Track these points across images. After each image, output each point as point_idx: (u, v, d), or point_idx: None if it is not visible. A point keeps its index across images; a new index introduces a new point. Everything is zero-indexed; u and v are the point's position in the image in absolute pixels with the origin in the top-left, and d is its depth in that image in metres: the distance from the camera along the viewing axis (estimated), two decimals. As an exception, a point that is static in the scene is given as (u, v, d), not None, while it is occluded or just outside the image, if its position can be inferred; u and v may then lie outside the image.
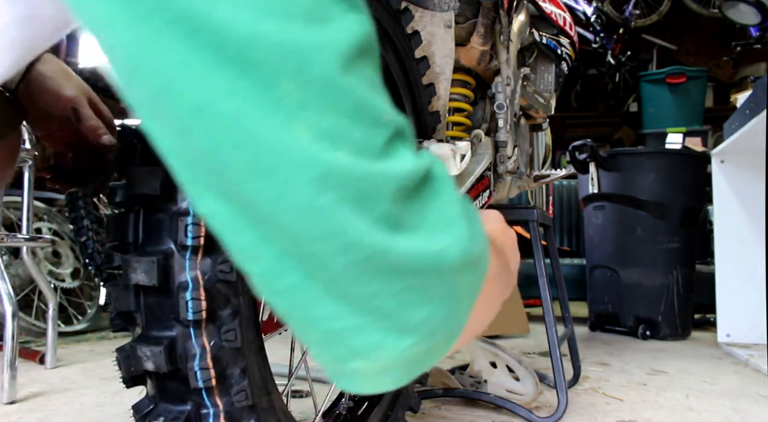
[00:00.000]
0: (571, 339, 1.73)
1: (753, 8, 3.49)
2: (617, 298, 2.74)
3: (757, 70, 5.13)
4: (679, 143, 3.19)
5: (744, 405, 1.50)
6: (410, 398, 1.11)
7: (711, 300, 2.60)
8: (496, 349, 1.48)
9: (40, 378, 1.73)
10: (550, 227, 1.68)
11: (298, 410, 1.32)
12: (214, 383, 0.60)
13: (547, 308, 1.43)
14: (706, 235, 3.24)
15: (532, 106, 1.61)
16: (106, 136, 0.76)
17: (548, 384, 1.64)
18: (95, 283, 2.84)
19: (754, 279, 2.34)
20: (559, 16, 1.65)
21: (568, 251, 3.79)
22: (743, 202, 2.50)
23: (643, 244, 2.68)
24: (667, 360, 2.13)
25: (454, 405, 1.45)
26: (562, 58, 1.68)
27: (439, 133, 1.19)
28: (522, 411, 1.34)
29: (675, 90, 4.94)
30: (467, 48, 1.31)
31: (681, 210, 2.66)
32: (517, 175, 1.50)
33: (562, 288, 1.76)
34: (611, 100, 6.07)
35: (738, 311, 2.48)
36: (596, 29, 3.77)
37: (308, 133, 0.31)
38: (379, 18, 0.94)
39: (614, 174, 2.72)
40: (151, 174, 0.60)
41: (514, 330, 2.67)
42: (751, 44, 3.90)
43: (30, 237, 1.96)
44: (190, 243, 0.58)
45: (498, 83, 1.36)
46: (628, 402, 1.51)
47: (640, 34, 5.39)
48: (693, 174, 2.72)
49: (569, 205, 3.99)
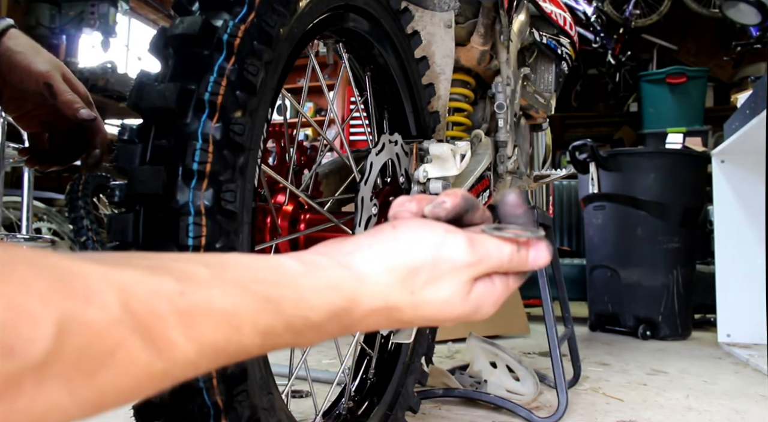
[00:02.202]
0: (571, 339, 1.73)
1: (753, 8, 3.49)
2: (617, 298, 2.74)
3: (757, 70, 5.12)
4: (680, 143, 3.19)
5: (744, 405, 1.50)
6: (410, 398, 1.11)
7: (711, 300, 2.60)
8: (496, 349, 1.48)
9: (40, 378, 1.73)
10: (550, 227, 1.67)
11: (298, 410, 1.32)
12: (214, 383, 0.60)
13: (547, 308, 1.43)
14: (706, 235, 3.24)
15: (532, 106, 1.61)
16: (84, 110, 0.73)
17: (548, 384, 1.64)
18: (95, 283, 2.83)
19: (754, 279, 2.34)
20: (559, 15, 1.65)
21: (568, 251, 3.79)
22: (743, 202, 2.50)
23: (643, 244, 2.68)
24: (668, 360, 2.13)
25: (454, 405, 1.45)
26: (562, 57, 1.68)
27: (439, 133, 1.19)
28: (522, 411, 1.34)
29: (675, 90, 4.94)
30: (467, 48, 1.31)
31: (681, 210, 2.66)
32: (517, 175, 1.50)
33: (562, 288, 1.76)
34: (611, 100, 6.07)
35: (738, 311, 2.48)
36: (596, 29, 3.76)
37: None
38: (379, 18, 0.94)
39: (614, 174, 2.72)
40: (151, 173, 0.59)
41: (514, 330, 2.67)
42: (751, 44, 3.90)
43: (30, 237, 1.96)
44: (191, 243, 0.58)
45: (498, 83, 1.36)
46: (628, 402, 1.51)
47: (640, 34, 5.39)
48: (693, 174, 2.72)
49: (569, 205, 3.99)
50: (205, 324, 0.32)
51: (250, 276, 0.35)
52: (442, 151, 0.95)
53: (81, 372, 0.26)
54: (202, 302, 0.32)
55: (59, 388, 0.25)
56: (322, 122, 5.35)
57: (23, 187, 1.92)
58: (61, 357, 0.25)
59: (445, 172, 0.94)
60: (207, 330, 0.32)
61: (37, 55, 0.72)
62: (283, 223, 0.85)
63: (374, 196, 0.85)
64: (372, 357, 1.07)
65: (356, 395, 1.05)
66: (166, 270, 0.32)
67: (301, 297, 0.37)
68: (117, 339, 0.27)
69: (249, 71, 0.62)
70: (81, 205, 2.45)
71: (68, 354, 0.25)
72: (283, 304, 0.36)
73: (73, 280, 0.27)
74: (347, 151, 0.96)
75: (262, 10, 0.65)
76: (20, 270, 0.25)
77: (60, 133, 0.77)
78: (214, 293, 0.32)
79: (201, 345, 0.31)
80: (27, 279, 0.25)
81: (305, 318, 0.37)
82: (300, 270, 0.38)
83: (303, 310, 0.37)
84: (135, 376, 0.29)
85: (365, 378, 1.07)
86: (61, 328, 0.25)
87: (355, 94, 1.11)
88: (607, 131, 5.91)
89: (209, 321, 0.32)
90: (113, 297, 0.28)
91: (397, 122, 1.09)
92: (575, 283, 3.20)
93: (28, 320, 0.24)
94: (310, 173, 0.91)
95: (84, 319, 0.26)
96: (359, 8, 0.89)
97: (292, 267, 0.38)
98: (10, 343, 0.23)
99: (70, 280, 0.27)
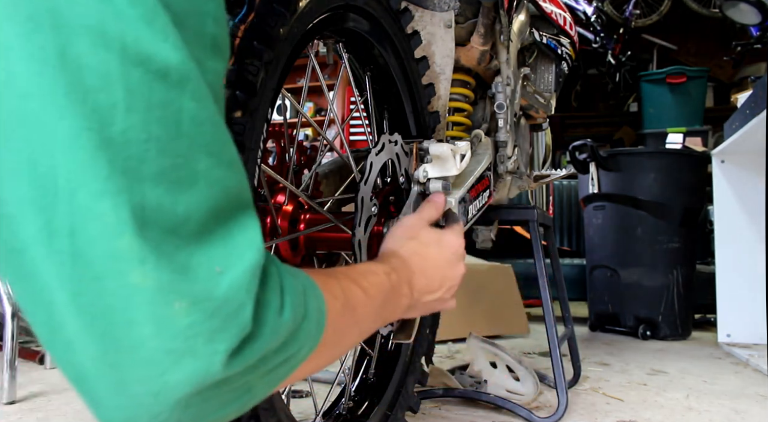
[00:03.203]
0: (571, 339, 1.73)
1: (753, 8, 3.49)
2: (617, 298, 2.74)
3: (757, 70, 5.12)
4: (680, 143, 3.18)
5: (744, 405, 1.50)
6: (410, 398, 1.11)
7: (711, 300, 2.60)
8: (496, 349, 1.48)
9: (39, 378, 1.73)
10: (550, 227, 1.68)
11: (298, 410, 1.32)
12: (214, 383, 0.60)
13: (547, 308, 1.43)
14: (706, 235, 3.24)
15: (532, 106, 1.61)
16: None
17: (548, 384, 1.64)
18: (95, 283, 2.83)
19: (754, 279, 2.34)
20: (559, 15, 1.65)
21: (568, 251, 3.79)
22: (743, 202, 2.50)
23: (643, 244, 2.67)
24: (668, 360, 2.13)
25: (454, 405, 1.45)
26: (562, 57, 1.68)
27: (439, 133, 1.19)
28: (522, 411, 1.34)
29: (675, 90, 4.94)
30: (467, 48, 1.31)
31: (681, 210, 2.66)
32: (517, 175, 1.50)
33: (562, 288, 1.76)
34: (611, 100, 6.06)
35: (738, 311, 2.48)
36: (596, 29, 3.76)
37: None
38: (379, 18, 0.94)
39: (614, 174, 2.72)
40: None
41: (514, 330, 2.67)
42: (751, 44, 3.90)
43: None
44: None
45: (498, 83, 1.36)
46: (628, 402, 1.51)
47: (640, 34, 5.39)
48: (693, 174, 2.71)
49: (569, 204, 3.99)
50: (404, 287, 0.67)
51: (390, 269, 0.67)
52: (442, 151, 0.95)
53: (389, 310, 0.63)
54: (395, 278, 0.65)
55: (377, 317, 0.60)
56: (322, 122, 5.35)
57: (23, 186, 1.92)
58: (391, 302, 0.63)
59: (445, 172, 0.94)
60: (405, 291, 0.67)
61: None
62: (283, 223, 0.85)
63: (374, 196, 0.85)
64: (372, 357, 1.07)
65: (356, 395, 1.05)
66: (375, 265, 0.65)
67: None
68: (402, 291, 0.66)
69: (249, 71, 0.62)
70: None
71: (389, 303, 0.63)
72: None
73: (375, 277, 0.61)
74: (347, 151, 0.96)
75: (262, 10, 0.65)
76: (367, 281, 0.58)
77: None
78: (393, 276, 0.65)
79: (408, 298, 0.68)
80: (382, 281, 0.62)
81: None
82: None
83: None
84: (401, 308, 0.66)
85: (365, 378, 1.07)
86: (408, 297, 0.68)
87: (355, 94, 1.11)
88: (607, 131, 5.91)
89: (402, 287, 0.67)
90: (385, 275, 0.63)
91: (397, 122, 1.09)
92: (575, 283, 3.20)
93: (404, 297, 0.67)
94: (310, 173, 0.91)
95: (394, 286, 0.64)
96: (359, 8, 0.89)
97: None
98: (404, 304, 0.67)
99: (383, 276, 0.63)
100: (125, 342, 0.32)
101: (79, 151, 0.31)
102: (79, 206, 0.31)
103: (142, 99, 0.32)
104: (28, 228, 0.31)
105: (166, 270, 0.32)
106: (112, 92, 0.31)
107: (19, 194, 0.31)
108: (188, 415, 0.34)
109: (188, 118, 0.33)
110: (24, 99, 0.31)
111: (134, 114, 0.32)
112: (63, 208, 0.31)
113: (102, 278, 0.31)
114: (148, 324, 0.32)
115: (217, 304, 0.33)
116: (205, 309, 0.33)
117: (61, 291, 0.32)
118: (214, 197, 0.35)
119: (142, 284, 0.32)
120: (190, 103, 0.34)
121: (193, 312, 0.33)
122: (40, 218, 0.31)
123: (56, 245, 0.31)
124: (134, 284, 0.31)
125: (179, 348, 0.32)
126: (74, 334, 0.32)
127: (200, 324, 0.33)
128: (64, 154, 0.31)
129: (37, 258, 0.32)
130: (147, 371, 0.32)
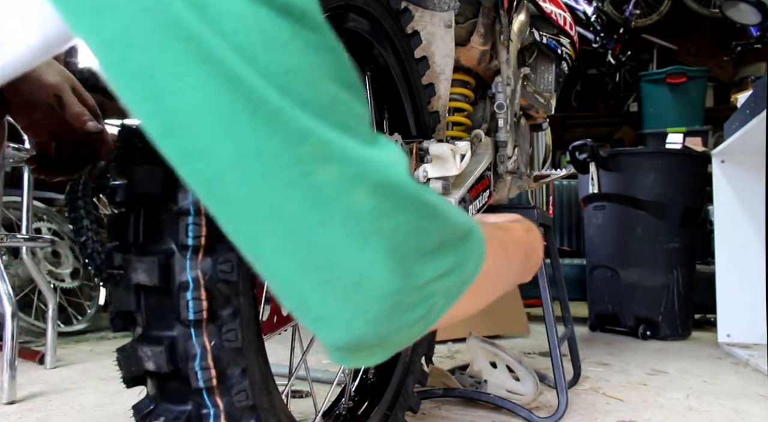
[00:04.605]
0: (571, 339, 1.73)
1: (753, 8, 3.49)
2: (617, 298, 2.74)
3: (757, 70, 5.13)
4: (680, 143, 3.18)
5: (744, 406, 1.50)
6: (410, 398, 1.11)
7: (711, 300, 2.60)
8: (496, 349, 1.48)
9: (39, 378, 1.73)
10: (550, 227, 1.68)
11: (298, 410, 1.32)
12: (214, 383, 0.60)
13: (547, 308, 1.43)
14: (706, 235, 3.24)
15: (532, 106, 1.61)
16: (91, 122, 0.75)
17: (548, 384, 1.64)
18: (95, 283, 2.84)
19: (754, 279, 2.34)
20: (559, 15, 1.65)
21: (568, 251, 3.79)
22: (743, 202, 2.50)
23: (643, 244, 2.67)
24: (668, 360, 2.13)
25: (454, 405, 1.45)
26: (562, 57, 1.68)
27: (439, 133, 1.19)
28: (522, 411, 1.34)
29: (675, 90, 4.94)
30: (467, 48, 1.31)
31: (681, 210, 2.65)
32: (517, 175, 1.50)
33: (562, 288, 1.76)
34: (611, 100, 6.06)
35: (738, 311, 2.48)
36: (596, 29, 3.76)
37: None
38: (379, 18, 0.94)
39: (614, 174, 2.72)
40: (152, 173, 0.59)
41: (514, 330, 2.67)
42: (751, 44, 3.90)
43: (29, 237, 1.96)
44: (191, 243, 0.58)
45: (498, 83, 1.36)
46: (628, 402, 1.52)
47: (640, 34, 5.39)
48: (693, 174, 2.72)
49: (569, 205, 3.99)
50: (523, 241, 0.65)
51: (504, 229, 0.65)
52: (442, 151, 0.95)
53: (531, 258, 0.65)
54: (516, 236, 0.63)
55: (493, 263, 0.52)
56: (322, 122, 5.34)
57: (23, 187, 1.92)
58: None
59: (445, 172, 0.94)
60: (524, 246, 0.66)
61: (48, 66, 0.73)
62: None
63: (374, 195, 0.85)
64: (372, 357, 1.07)
65: (356, 395, 1.05)
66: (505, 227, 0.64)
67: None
68: (540, 244, 0.69)
69: (249, 71, 0.62)
70: (81, 204, 2.45)
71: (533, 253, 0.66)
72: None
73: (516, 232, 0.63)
74: (347, 150, 0.96)
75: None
76: (510, 234, 0.61)
77: (67, 143, 0.78)
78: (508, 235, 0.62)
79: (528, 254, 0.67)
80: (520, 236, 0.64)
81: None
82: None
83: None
84: (538, 260, 0.67)
85: (365, 378, 1.07)
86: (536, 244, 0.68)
87: (355, 94, 1.10)
88: (607, 131, 5.91)
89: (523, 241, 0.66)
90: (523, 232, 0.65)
91: (397, 122, 1.09)
92: (575, 283, 3.20)
93: (538, 245, 0.68)
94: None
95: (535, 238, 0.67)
96: (359, 8, 0.89)
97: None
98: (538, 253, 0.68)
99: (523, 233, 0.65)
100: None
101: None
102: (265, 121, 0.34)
103: (273, 35, 0.35)
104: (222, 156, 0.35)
105: (349, 163, 0.37)
106: (249, 33, 0.34)
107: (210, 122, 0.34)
108: (384, 309, 0.38)
109: (313, 48, 0.37)
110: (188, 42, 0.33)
111: (272, 50, 0.34)
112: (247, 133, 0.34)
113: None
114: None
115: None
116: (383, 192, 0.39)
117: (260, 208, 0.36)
118: (354, 121, 0.38)
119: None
120: (311, 34, 0.37)
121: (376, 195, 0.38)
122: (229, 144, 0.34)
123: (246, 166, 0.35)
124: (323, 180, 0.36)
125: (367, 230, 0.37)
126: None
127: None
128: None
129: (231, 184, 0.35)
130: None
